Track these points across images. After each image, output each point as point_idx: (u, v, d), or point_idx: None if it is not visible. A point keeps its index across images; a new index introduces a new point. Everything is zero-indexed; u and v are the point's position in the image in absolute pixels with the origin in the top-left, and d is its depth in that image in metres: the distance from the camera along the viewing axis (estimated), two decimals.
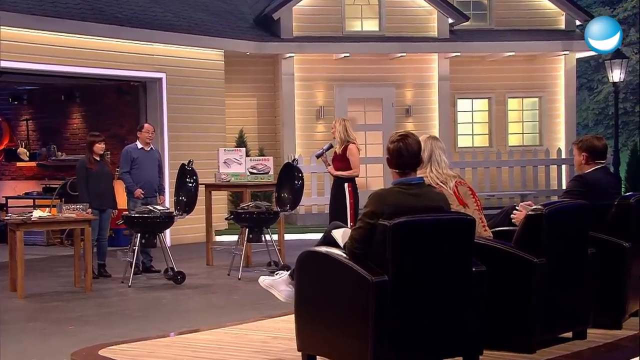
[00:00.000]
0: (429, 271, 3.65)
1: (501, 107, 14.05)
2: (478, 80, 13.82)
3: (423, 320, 3.63)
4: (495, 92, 13.95)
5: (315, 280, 3.92)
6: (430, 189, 3.86)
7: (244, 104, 13.15)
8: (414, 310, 3.62)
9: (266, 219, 8.32)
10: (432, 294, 3.66)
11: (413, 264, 3.61)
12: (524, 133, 14.24)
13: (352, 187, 7.93)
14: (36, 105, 13.03)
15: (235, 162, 9.22)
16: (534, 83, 13.86)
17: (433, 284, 3.66)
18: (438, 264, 3.67)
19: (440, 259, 3.67)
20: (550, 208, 4.19)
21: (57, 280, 8.33)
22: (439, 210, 3.76)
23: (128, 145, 8.95)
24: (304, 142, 12.92)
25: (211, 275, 8.60)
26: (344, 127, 8.01)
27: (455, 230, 3.71)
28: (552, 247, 4.13)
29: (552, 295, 4.14)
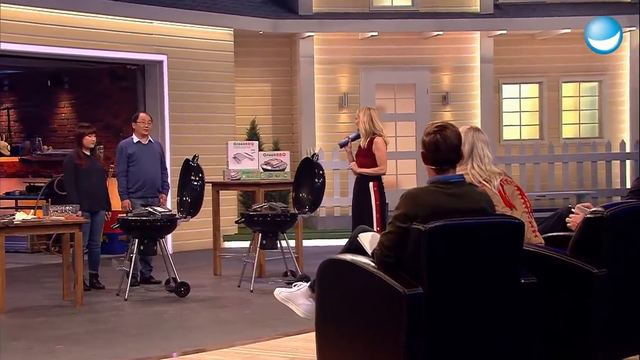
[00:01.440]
0: (470, 283, 3.65)
1: (554, 94, 13.97)
2: (527, 63, 13.76)
3: (463, 339, 3.63)
4: (547, 76, 13.88)
5: (339, 292, 3.93)
6: (471, 188, 3.86)
7: (256, 91, 13.20)
8: (453, 327, 3.62)
9: (282, 223, 8.35)
10: (473, 309, 3.65)
11: (451, 274, 3.61)
12: (580, 123, 14.16)
13: (377, 186, 7.93)
14: (18, 92, 13.17)
15: (246, 157, 9.26)
16: (592, 65, 13.76)
17: (475, 297, 3.66)
18: (481, 275, 3.66)
19: (483, 269, 3.67)
20: (613, 210, 4.16)
21: (42, 292, 8.41)
22: (482, 213, 3.75)
23: (123, 140, 9.01)
24: (324, 135, 12.93)
25: (219, 287, 8.64)
26: (370, 117, 8.01)
27: (501, 236, 3.71)
28: (614, 256, 4.11)
29: (614, 312, 4.12)
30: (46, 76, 12.54)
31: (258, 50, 13.15)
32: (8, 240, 10.77)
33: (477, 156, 4.42)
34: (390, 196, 8.02)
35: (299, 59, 12.90)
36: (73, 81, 12.47)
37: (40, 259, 11.04)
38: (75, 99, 12.54)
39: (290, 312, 4.49)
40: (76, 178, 8.31)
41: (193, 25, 11.71)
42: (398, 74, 13.14)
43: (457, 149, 3.78)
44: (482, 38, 13.20)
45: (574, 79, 13.93)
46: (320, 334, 4.01)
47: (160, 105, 11.45)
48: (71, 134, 11.22)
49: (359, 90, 13.05)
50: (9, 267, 8.37)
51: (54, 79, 12.48)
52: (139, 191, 8.61)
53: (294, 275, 8.46)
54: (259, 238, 8.31)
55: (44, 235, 11.07)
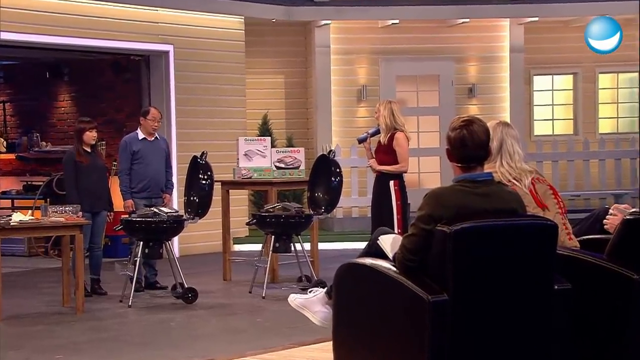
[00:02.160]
0: (499, 289, 3.64)
1: (590, 85, 13.91)
2: (560, 52, 13.71)
3: (491, 349, 3.63)
4: (582, 67, 13.82)
5: (357, 299, 3.93)
6: (500, 188, 3.85)
7: (268, 83, 13.22)
8: (480, 336, 3.61)
9: (296, 224, 8.36)
10: (502, 317, 3.65)
11: (479, 279, 3.61)
12: (618, 117, 14.09)
13: (398, 185, 7.93)
14: (15, 84, 13.25)
15: (258, 154, 9.28)
16: (631, 54, 13.67)
17: (504, 304, 3.65)
18: (510, 280, 3.66)
19: (513, 274, 3.66)
20: None
21: (41, 298, 8.46)
22: (512, 214, 3.75)
23: (127, 135, 9.04)
24: (342, 130, 12.94)
25: (229, 293, 8.66)
26: (391, 111, 8.01)
27: (533, 239, 3.70)
28: None
29: None
30: (44, 67, 12.61)
31: (270, 40, 13.17)
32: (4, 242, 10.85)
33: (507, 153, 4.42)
34: (412, 196, 8.02)
35: (314, 48, 12.90)
36: (73, 73, 12.53)
37: (38, 263, 11.11)
38: (76, 92, 12.60)
39: (305, 319, 4.50)
40: (76, 176, 8.35)
41: (201, 13, 11.74)
42: (421, 65, 13.12)
43: (485, 146, 3.78)
44: (512, 25, 13.16)
45: (612, 69, 13.86)
46: (338, 343, 4.01)
47: (166, 99, 11.49)
48: (71, 130, 11.28)
49: (378, 82, 13.05)
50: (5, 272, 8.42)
51: (52, 71, 12.54)
52: (143, 191, 8.65)
53: (309, 281, 8.47)
54: (272, 241, 8.33)
55: (42, 237, 11.14)
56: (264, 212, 8.50)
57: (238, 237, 11.76)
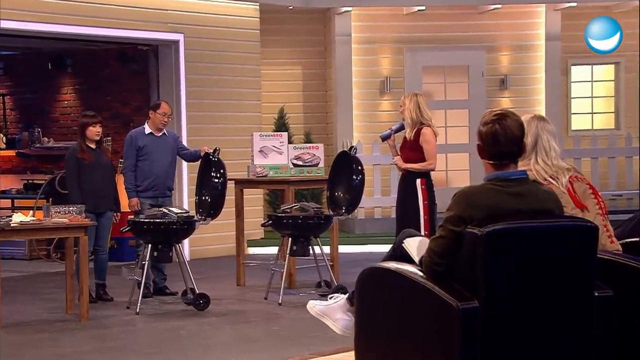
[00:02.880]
0: (534, 295, 3.63)
1: (633, 75, 13.81)
2: None
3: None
4: (624, 55, 13.73)
5: (381, 306, 3.93)
6: (535, 187, 3.85)
7: (285, 75, 13.23)
8: (514, 347, 3.61)
9: (315, 226, 8.37)
10: (538, 325, 3.64)
11: (512, 285, 3.60)
12: None
13: (426, 184, 7.92)
14: (14, 76, 13.31)
15: (274, 150, 9.30)
16: None
17: (539, 312, 3.64)
18: (547, 286, 3.65)
19: (549, 280, 3.65)
20: None
21: (43, 305, 8.51)
22: (548, 215, 3.74)
23: (133, 130, 9.08)
24: (363, 125, 12.93)
25: (243, 299, 8.68)
26: (417, 105, 8.00)
27: (571, 241, 3.69)
28: None
29: None
30: (46, 58, 12.67)
31: (287, 28, 13.17)
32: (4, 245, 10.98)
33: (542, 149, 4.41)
34: (440, 195, 8.01)
35: (334, 37, 12.90)
36: (77, 64, 12.58)
37: (39, 266, 11.17)
38: (79, 84, 12.66)
39: (325, 328, 4.50)
40: (79, 174, 8.39)
41: (213, 0, 11.76)
42: (449, 55, 13.09)
43: (519, 141, 3.77)
44: (548, 11, 13.10)
45: None
46: (360, 353, 4.02)
47: (175, 92, 11.52)
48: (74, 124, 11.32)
49: (403, 74, 13.03)
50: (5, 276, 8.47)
51: (55, 62, 12.60)
52: (149, 190, 8.67)
53: (328, 286, 8.48)
54: (289, 243, 8.34)
55: (44, 239, 11.20)
56: (281, 213, 8.51)
57: (253, 240, 11.77)
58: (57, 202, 9.82)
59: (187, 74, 11.58)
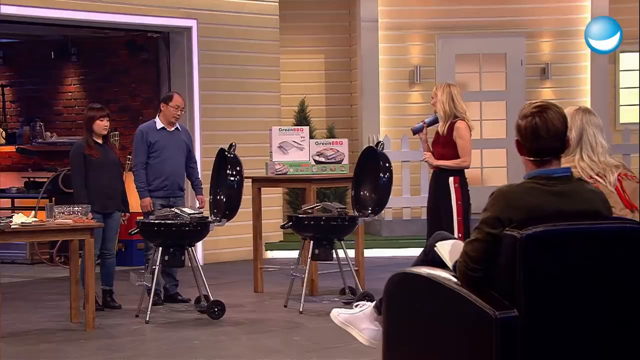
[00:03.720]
0: (580, 304, 3.61)
1: None
2: None
3: None
4: None
5: (411, 315, 3.92)
6: (581, 185, 3.83)
7: (306, 64, 13.23)
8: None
9: (339, 228, 8.37)
10: (584, 338, 3.62)
11: (555, 293, 3.58)
12: None
13: (459, 183, 7.90)
14: (16, 65, 13.37)
15: (294, 146, 9.30)
16: None
17: (585, 323, 3.62)
18: (593, 295, 3.63)
19: (596, 287, 3.63)
20: None
21: (46, 313, 8.55)
22: (595, 216, 3.72)
23: (143, 124, 9.10)
24: (391, 118, 12.91)
25: (261, 307, 8.70)
26: (450, 96, 7.97)
27: (620, 245, 3.66)
28: None
29: None
30: (49, 46, 12.73)
31: (309, 14, 13.17)
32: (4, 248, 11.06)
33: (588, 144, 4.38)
34: (475, 195, 7.99)
35: (359, 23, 12.89)
36: (82, 53, 12.63)
37: (42, 271, 11.23)
38: (85, 75, 12.71)
39: (350, 338, 4.50)
40: (85, 172, 8.43)
41: None
42: (484, 42, 13.05)
43: (562, 136, 3.75)
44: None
45: None
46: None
47: (188, 83, 11.55)
48: (79, 118, 11.39)
49: (434, 63, 13.00)
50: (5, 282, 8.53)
51: (58, 50, 12.65)
52: (160, 190, 8.70)
53: (353, 294, 8.48)
54: (310, 247, 8.34)
55: (46, 242, 11.26)
56: (302, 214, 8.51)
57: (271, 243, 11.79)
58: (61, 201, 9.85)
59: (200, 64, 11.60)
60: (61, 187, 11.19)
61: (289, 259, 10.23)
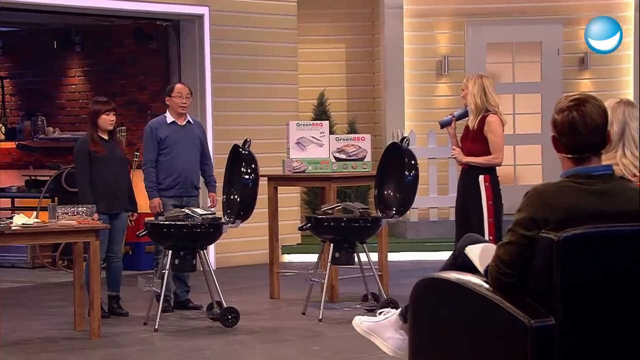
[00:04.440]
0: (621, 312, 3.61)
1: None
2: None
3: None
4: None
5: (439, 323, 3.92)
6: (623, 184, 3.82)
7: (326, 54, 13.22)
8: None
9: (361, 230, 8.37)
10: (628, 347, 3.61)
11: (595, 299, 3.57)
12: None
13: (490, 181, 7.88)
14: (15, 56, 13.42)
15: (313, 142, 9.30)
16: None
17: (628, 332, 3.61)
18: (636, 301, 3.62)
19: None
20: None
21: (48, 320, 8.57)
22: (638, 217, 3.70)
23: (152, 119, 9.12)
24: (417, 112, 12.90)
25: (278, 315, 8.71)
26: (481, 88, 7.95)
27: None
28: None
29: None
30: (52, 35, 12.76)
31: (328, 1, 13.16)
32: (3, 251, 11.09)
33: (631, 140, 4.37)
34: (508, 194, 7.96)
35: (383, 10, 12.88)
36: (86, 42, 12.66)
37: (44, 276, 11.27)
38: (89, 66, 12.75)
39: (374, 347, 4.51)
40: (90, 170, 8.45)
41: None
42: (518, 30, 13.01)
43: (602, 131, 3.75)
44: None
45: None
46: None
47: (199, 74, 11.55)
48: (84, 112, 11.41)
49: (464, 52, 12.97)
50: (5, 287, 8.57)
51: (61, 40, 12.68)
52: (171, 189, 8.71)
53: (377, 300, 8.47)
54: (330, 250, 8.34)
55: (49, 245, 11.30)
56: (321, 215, 8.51)
57: (288, 246, 11.79)
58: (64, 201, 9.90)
59: (212, 54, 11.61)
60: (64, 186, 11.23)
61: (307, 263, 10.24)
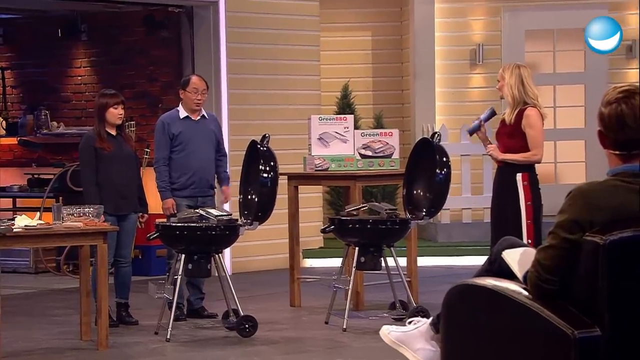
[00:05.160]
0: None
1: None
2: None
3: None
4: None
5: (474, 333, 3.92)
6: None
7: (350, 43, 13.22)
8: None
9: (388, 232, 8.37)
10: None
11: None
12: None
13: (529, 180, 7.85)
14: (17, 45, 13.46)
15: (337, 138, 9.30)
16: None
17: None
18: None
19: None
20: None
21: (52, 329, 8.60)
22: None
23: (164, 114, 9.14)
24: (449, 105, 12.88)
25: (299, 324, 8.72)
26: (519, 79, 7.93)
27: None
28: None
29: None
30: (56, 23, 12.80)
31: None
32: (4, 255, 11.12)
33: None
34: (548, 194, 7.94)
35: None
36: (93, 30, 12.69)
37: (48, 282, 11.31)
38: (96, 56, 12.78)
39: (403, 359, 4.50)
40: (97, 168, 8.47)
41: None
42: (559, 15, 12.97)
43: None
44: None
45: None
46: None
47: (215, 64, 11.57)
48: (90, 106, 11.45)
49: (500, 40, 12.93)
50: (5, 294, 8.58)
51: (66, 27, 12.71)
52: (185, 188, 8.73)
53: (405, 308, 8.47)
54: (355, 254, 8.34)
55: (53, 248, 11.34)
56: (345, 216, 8.51)
57: (310, 249, 11.80)
58: (70, 201, 9.94)
59: (228, 43, 11.62)
60: (69, 185, 11.27)
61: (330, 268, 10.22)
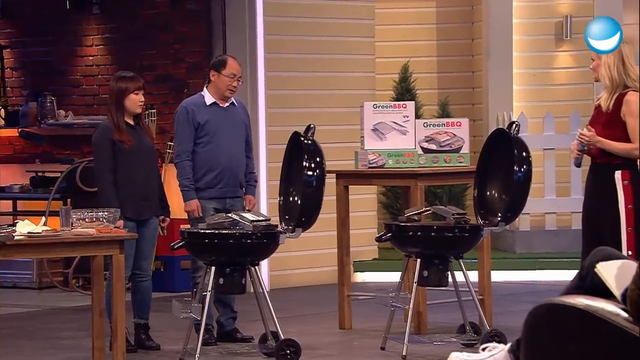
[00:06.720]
0: None
1: None
2: None
3: None
4: None
5: None
6: None
7: (411, 16, 13.24)
8: None
9: (456, 241, 8.37)
10: None
11: None
12: None
13: (630, 179, 7.78)
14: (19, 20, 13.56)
15: (394, 129, 9.30)
16: None
17: None
18: None
19: None
20: None
21: (59, 355, 8.67)
22: None
23: (187, 99, 9.14)
24: (530, 89, 12.85)
25: (350, 350, 8.73)
26: (619, 58, 7.91)
27: None
28: None
29: None
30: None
31: None
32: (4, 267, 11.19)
33: None
34: None
35: None
36: (107, 2, 12.75)
37: (54, 299, 11.39)
38: (111, 33, 12.84)
39: None
40: (114, 165, 8.52)
41: None
42: None
43: None
44: None
45: None
46: None
47: (250, 42, 11.59)
48: (104, 91, 11.51)
49: (593, 10, 12.85)
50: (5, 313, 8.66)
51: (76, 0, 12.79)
52: (212, 188, 8.75)
53: (477, 332, 8.47)
54: (417, 267, 8.34)
55: (60, 260, 11.41)
56: (404, 222, 8.50)
57: (362, 261, 11.80)
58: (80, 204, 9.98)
59: (266, 16, 11.64)
60: (80, 185, 11.32)
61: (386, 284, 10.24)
